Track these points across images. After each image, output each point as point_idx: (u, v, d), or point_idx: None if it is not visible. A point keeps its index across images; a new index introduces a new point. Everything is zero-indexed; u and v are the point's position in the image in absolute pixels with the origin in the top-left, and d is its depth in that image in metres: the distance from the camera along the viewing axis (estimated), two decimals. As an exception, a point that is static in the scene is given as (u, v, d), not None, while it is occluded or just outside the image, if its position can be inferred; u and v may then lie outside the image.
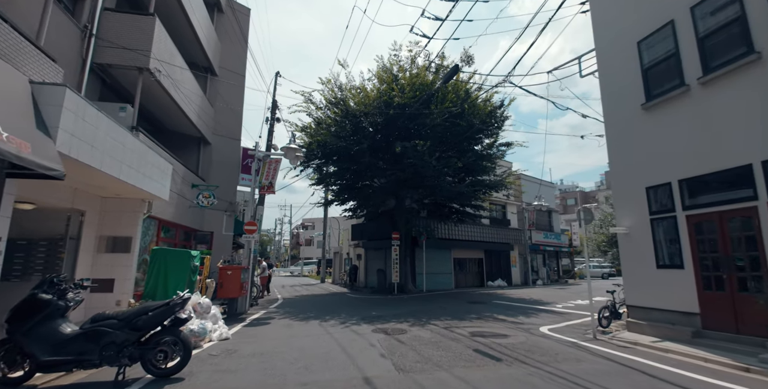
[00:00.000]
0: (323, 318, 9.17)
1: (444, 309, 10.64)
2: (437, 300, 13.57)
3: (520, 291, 17.44)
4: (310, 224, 63.09)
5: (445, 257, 19.12)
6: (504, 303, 12.38)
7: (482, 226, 20.85)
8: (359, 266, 21.05)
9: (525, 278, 23.39)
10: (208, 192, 12.29)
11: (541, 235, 24.64)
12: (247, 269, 10.47)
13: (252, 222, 10.91)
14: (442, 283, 18.56)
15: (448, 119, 12.94)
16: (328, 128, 14.18)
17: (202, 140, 14.18)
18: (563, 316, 9.76)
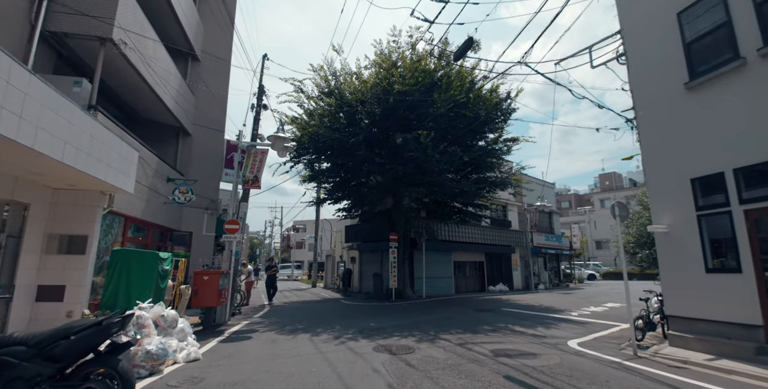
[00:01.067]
0: (314, 331, 7.92)
1: (451, 319, 9.46)
2: (440, 307, 12.40)
3: (525, 297, 16.35)
4: (302, 227, 61.56)
5: (445, 261, 17.98)
6: (514, 311, 11.25)
7: (483, 227, 19.77)
8: (353, 270, 19.79)
9: (526, 282, 22.35)
10: (185, 187, 10.99)
11: (543, 237, 23.66)
12: (227, 274, 9.19)
13: (234, 221, 9.63)
14: (442, 288, 17.40)
15: (452, 108, 11.84)
16: (321, 119, 12.98)
17: (181, 131, 12.87)
18: (586, 327, 8.67)
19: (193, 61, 13.49)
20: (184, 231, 12.53)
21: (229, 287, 9.41)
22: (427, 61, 12.79)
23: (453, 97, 11.61)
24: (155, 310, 5.99)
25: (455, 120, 12.44)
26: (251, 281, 14.08)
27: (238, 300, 12.44)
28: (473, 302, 14.27)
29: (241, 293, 12.74)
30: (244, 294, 13.16)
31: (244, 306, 13.49)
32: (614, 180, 66.86)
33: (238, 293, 12.53)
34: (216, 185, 13.72)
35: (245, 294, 13.34)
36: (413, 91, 11.70)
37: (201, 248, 12.71)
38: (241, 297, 12.78)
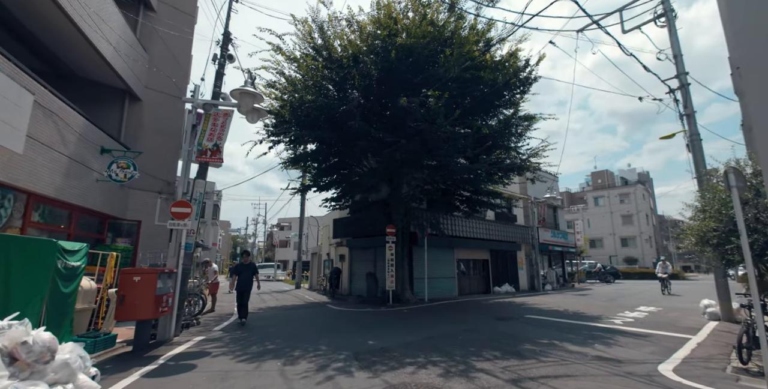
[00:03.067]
0: (289, 355, 5.55)
1: (473, 333, 7.20)
2: (450, 314, 10.14)
3: (539, 300, 14.23)
4: (287, 224, 58.74)
5: (447, 259, 15.76)
6: (544, 320, 9.06)
7: (488, 221, 17.65)
8: (342, 269, 17.40)
9: (532, 282, 20.33)
10: (125, 161, 8.48)
11: (549, 234, 21.71)
12: (172, 274, 6.73)
13: (183, 202, 7.18)
14: (444, 289, 15.18)
15: (468, 69, 9.59)
16: (305, 84, 10.56)
17: (128, 95, 10.30)
18: (652, 341, 6.59)
19: (146, 10, 10.90)
20: (130, 220, 9.97)
21: (176, 291, 6.95)
22: (435, 16, 10.50)
23: (469, 53, 9.36)
24: (12, 334, 3.53)
25: (469, 86, 10.19)
26: (217, 284, 11.56)
27: (199, 306, 9.97)
28: (485, 307, 12.06)
29: (203, 297, 10.25)
30: (206, 298, 10.66)
31: (210, 312, 11.00)
32: (606, 178, 66.09)
33: (199, 297, 10.04)
34: (173, 164, 11.15)
35: (208, 299, 10.84)
36: (419, 46, 9.40)
37: (153, 241, 10.16)
38: (203, 302, 10.29)
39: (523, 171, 12.10)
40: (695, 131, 10.54)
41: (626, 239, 53.14)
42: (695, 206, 7.09)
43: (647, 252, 50.68)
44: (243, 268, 8.99)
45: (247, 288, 8.80)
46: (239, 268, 9.05)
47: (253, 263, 9.33)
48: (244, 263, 9.11)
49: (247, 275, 8.91)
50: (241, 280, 8.80)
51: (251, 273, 8.99)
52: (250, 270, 9.02)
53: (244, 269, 8.95)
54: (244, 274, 8.87)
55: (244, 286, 8.78)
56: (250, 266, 9.12)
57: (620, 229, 53.66)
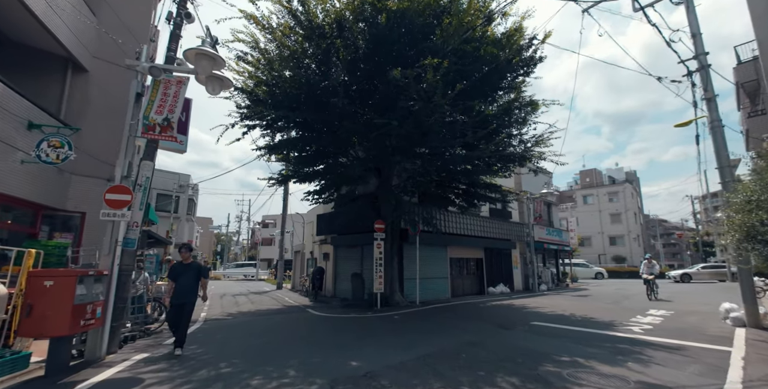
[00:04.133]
0: (245, 384, 4.23)
1: (479, 348, 5.98)
2: (446, 321, 8.93)
3: (538, 302, 13.16)
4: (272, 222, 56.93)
5: (439, 257, 14.58)
6: (553, 328, 7.92)
7: (482, 218, 16.55)
8: (326, 268, 16.07)
9: (526, 282, 19.37)
10: (58, 139, 6.99)
11: (544, 231, 20.76)
12: (100, 278, 5.32)
13: (120, 188, 5.77)
14: (437, 291, 14.00)
15: (468, 41, 8.36)
16: (282, 53, 9.17)
17: (72, 64, 8.76)
18: (690, 356, 5.53)
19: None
20: (71, 212, 8.45)
21: (109, 298, 5.54)
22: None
23: (470, 23, 8.13)
24: None
25: (469, 63, 8.96)
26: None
27: (154, 315, 8.54)
28: (483, 311, 10.91)
29: (159, 303, 8.81)
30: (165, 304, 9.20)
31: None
32: (594, 177, 66.16)
33: (159, 304, 8.62)
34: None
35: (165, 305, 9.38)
36: (413, 11, 8.12)
37: (100, 237, 8.64)
38: (160, 308, 8.86)
39: (525, 161, 10.95)
40: (716, 117, 9.54)
41: (614, 238, 53.06)
42: (744, 199, 5.98)
43: (635, 251, 50.65)
44: (182, 270, 6.02)
45: (189, 300, 5.89)
46: (177, 270, 6.07)
47: (197, 263, 6.35)
48: (184, 263, 6.13)
49: (189, 280, 5.96)
50: (179, 288, 5.89)
51: (195, 278, 6.04)
52: (194, 273, 6.04)
53: (185, 272, 5.99)
54: (183, 278, 5.93)
55: (183, 296, 5.87)
56: (194, 268, 6.11)
57: (609, 228, 53.55)
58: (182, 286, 5.91)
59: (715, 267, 24.87)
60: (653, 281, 13.16)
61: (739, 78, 16.31)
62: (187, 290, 5.93)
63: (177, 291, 5.91)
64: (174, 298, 5.90)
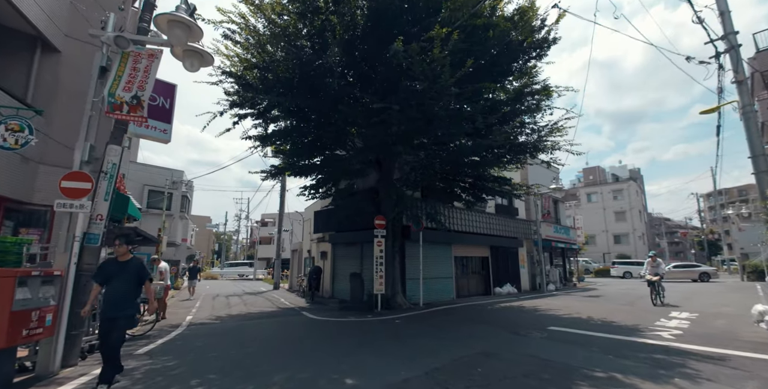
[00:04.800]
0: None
1: (495, 360, 5.18)
2: (455, 326, 8.12)
3: (549, 303, 12.34)
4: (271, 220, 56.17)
5: (444, 256, 13.77)
6: (574, 334, 7.11)
7: (488, 215, 15.73)
8: (324, 268, 15.28)
9: (534, 282, 18.56)
10: (18, 122, 6.15)
11: (551, 229, 19.94)
12: (51, 279, 4.52)
13: (79, 174, 4.98)
14: (441, 291, 13.19)
15: (477, 16, 7.53)
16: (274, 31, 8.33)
17: (41, 43, 7.94)
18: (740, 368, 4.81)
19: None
20: (38, 205, 7.65)
21: (64, 303, 4.74)
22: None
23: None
24: None
25: (478, 44, 8.14)
26: (166, 286, 9.30)
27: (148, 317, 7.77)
28: (493, 314, 10.10)
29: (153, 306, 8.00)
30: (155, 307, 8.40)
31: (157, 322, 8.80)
32: (598, 175, 65.35)
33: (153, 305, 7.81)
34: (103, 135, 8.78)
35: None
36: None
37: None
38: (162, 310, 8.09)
39: (538, 152, 10.11)
40: (748, 101, 8.73)
41: (619, 236, 52.22)
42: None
43: (640, 249, 49.82)
44: (116, 270, 4.24)
45: (123, 312, 4.13)
46: (108, 270, 4.29)
47: (137, 262, 4.44)
48: (119, 260, 4.34)
49: (125, 285, 4.20)
50: (109, 296, 4.16)
51: (135, 282, 4.27)
52: (132, 276, 4.25)
53: (119, 273, 4.21)
54: (118, 282, 4.18)
55: (115, 307, 4.08)
56: (132, 268, 4.29)
57: (613, 226, 52.71)
58: (115, 292, 4.13)
59: (687, 267, 25.13)
60: (659, 283, 11.24)
61: (759, 67, 15.50)
62: (121, 298, 4.12)
63: (106, 300, 4.14)
64: (104, 310, 4.15)
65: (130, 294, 4.29)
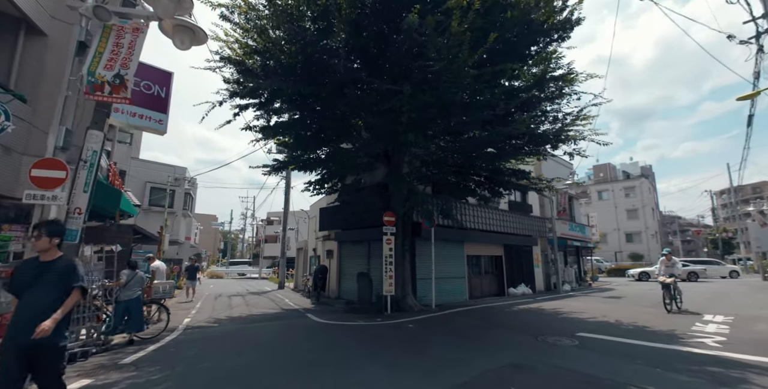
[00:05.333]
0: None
1: (527, 373, 4.50)
2: (474, 332, 7.43)
3: (570, 305, 11.60)
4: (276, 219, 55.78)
5: (456, 255, 13.07)
6: (606, 341, 6.40)
7: (501, 211, 14.98)
8: (330, 267, 14.66)
9: (548, 282, 17.79)
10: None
11: (567, 226, 19.13)
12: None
13: (52, 162, 4.38)
14: (453, 292, 12.50)
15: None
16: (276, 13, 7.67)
17: (26, 26, 7.38)
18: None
19: None
20: (20, 200, 7.08)
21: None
22: None
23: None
24: None
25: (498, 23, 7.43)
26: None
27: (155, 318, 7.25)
28: (513, 317, 9.40)
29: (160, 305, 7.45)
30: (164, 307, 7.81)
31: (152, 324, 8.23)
32: (609, 172, 64.05)
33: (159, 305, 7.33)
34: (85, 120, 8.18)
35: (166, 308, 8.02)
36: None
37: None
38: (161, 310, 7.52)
39: (560, 142, 9.35)
40: (796, 85, 7.93)
41: (631, 235, 51.11)
42: None
43: (653, 248, 48.69)
44: (35, 273, 2.86)
45: (45, 342, 2.68)
46: (23, 274, 2.90)
47: (68, 261, 3.02)
48: (40, 260, 2.95)
49: (47, 294, 2.81)
50: (21, 311, 2.78)
51: (61, 290, 2.86)
52: (56, 282, 2.86)
53: (38, 278, 2.84)
54: (39, 292, 2.80)
55: (31, 328, 2.62)
56: (57, 270, 2.91)
57: (625, 224, 51.60)
58: (29, 307, 2.77)
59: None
60: (674, 285, 9.60)
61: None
62: (39, 315, 2.69)
63: (16, 319, 2.74)
64: (11, 333, 2.69)
65: (46, 306, 2.75)
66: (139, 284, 6.78)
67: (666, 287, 9.71)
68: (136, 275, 6.72)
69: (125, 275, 6.62)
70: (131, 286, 6.59)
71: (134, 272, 6.73)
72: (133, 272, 6.72)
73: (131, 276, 6.65)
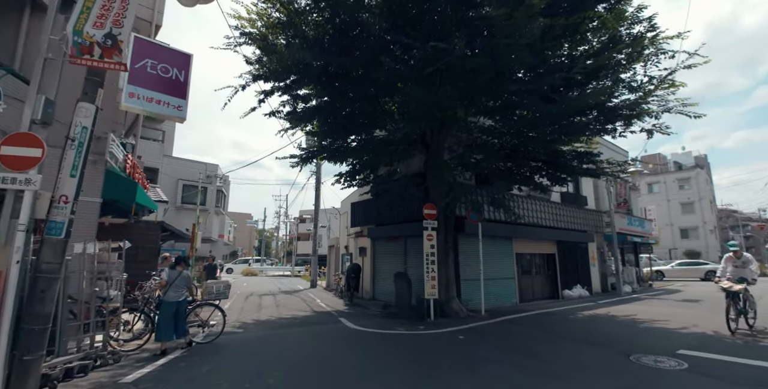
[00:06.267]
0: None
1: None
2: (541, 346, 6.11)
3: (645, 311, 9.89)
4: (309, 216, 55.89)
5: (504, 253, 11.66)
6: (725, 362, 4.89)
7: (553, 204, 13.36)
8: (363, 265, 13.65)
9: (605, 283, 15.91)
10: (-20, 84, 4.91)
11: (625, 221, 17.06)
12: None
13: (26, 137, 3.54)
14: (501, 295, 11.11)
15: None
16: None
17: (31, 3, 6.79)
18: None
19: None
20: (30, 193, 6.49)
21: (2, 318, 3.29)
22: None
23: None
24: None
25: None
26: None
27: (210, 322, 6.50)
28: (582, 327, 7.93)
29: (214, 307, 6.63)
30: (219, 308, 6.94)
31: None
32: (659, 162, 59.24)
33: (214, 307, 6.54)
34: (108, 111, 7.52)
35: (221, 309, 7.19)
36: None
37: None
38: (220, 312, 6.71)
39: (638, 117, 7.73)
40: None
41: (686, 230, 46.85)
42: None
43: (712, 245, 44.48)
44: None
45: None
46: None
47: None
48: None
49: None
50: None
51: None
52: None
53: None
54: None
55: None
56: None
57: (679, 219, 47.39)
58: None
59: (691, 264, 23.59)
60: (745, 294, 6.82)
61: None
62: None
63: None
64: None
65: None
66: (186, 284, 6.10)
67: (733, 297, 6.80)
68: (181, 273, 6.00)
69: (166, 274, 5.98)
70: (177, 286, 5.91)
71: (178, 271, 6.01)
72: (174, 271, 6.01)
73: (174, 276, 5.93)
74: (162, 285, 5.99)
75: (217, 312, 6.51)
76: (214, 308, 6.57)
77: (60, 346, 4.45)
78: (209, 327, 6.49)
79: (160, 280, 6.07)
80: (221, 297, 7.24)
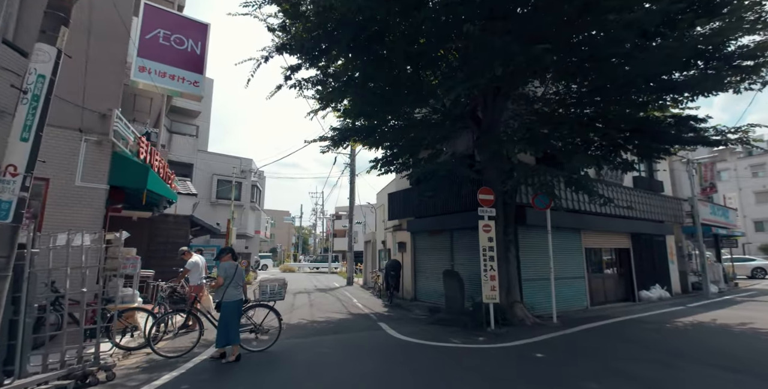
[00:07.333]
0: None
1: None
2: (646, 370, 4.49)
3: (756, 318, 7.82)
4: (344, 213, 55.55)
5: (571, 247, 9.90)
6: None
7: (625, 189, 11.34)
8: (402, 262, 12.33)
9: (684, 282, 13.60)
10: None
11: (707, 209, 14.55)
12: None
13: None
14: (570, 297, 9.40)
15: None
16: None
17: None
18: None
19: None
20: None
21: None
22: None
23: None
24: None
25: None
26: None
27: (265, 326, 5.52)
28: (689, 339, 6.14)
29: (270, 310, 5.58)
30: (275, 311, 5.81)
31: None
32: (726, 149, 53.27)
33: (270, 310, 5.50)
34: (113, 85, 6.66)
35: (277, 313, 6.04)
36: None
37: (71, 212, 5.83)
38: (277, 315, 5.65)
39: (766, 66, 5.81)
40: None
41: (762, 223, 41.61)
42: None
43: (793, 238, 39.09)
44: None
45: None
46: None
47: None
48: None
49: None
50: None
51: None
52: None
53: None
54: None
55: None
56: None
57: (753, 209, 42.20)
58: None
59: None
60: None
61: None
62: None
63: None
64: None
65: None
66: (243, 279, 5.26)
67: None
68: (237, 268, 5.10)
69: (222, 269, 5.02)
70: (236, 284, 5.04)
71: (234, 264, 5.11)
72: (232, 263, 5.11)
73: (232, 270, 5.02)
74: (219, 284, 4.96)
75: (272, 315, 5.43)
76: (268, 310, 5.48)
77: (22, 364, 3.48)
78: (263, 334, 5.40)
79: (216, 278, 5.04)
80: (276, 297, 5.91)
